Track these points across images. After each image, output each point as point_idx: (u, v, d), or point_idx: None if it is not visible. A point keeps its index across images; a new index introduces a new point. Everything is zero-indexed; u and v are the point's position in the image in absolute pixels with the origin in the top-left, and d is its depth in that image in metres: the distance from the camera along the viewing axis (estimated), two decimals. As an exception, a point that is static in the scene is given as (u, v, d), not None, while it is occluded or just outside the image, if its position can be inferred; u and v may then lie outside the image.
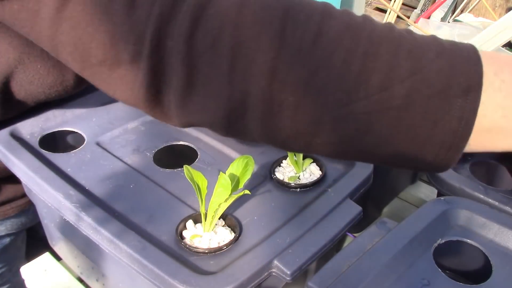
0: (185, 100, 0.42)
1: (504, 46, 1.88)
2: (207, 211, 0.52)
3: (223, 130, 0.43)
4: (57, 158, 0.64)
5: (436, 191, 0.62)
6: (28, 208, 0.78)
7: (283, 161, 0.63)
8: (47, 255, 0.73)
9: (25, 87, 0.64)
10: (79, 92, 0.74)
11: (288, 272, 0.48)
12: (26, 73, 0.62)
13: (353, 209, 0.55)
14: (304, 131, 0.40)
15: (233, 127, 0.42)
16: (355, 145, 0.41)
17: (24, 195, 0.75)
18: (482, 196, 0.57)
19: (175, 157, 0.68)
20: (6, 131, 0.66)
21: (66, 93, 0.68)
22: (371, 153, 0.41)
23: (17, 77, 0.63)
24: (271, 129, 0.41)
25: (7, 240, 0.81)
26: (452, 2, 2.70)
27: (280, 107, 0.39)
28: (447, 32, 1.90)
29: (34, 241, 0.89)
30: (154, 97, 0.43)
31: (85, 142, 0.67)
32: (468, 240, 0.53)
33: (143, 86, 0.42)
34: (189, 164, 0.62)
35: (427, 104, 0.38)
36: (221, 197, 0.51)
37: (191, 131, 0.69)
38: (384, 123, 0.39)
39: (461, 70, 0.38)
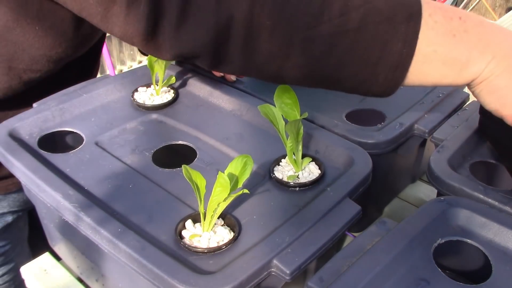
0: (179, 30, 0.46)
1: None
2: (206, 210, 0.52)
3: (209, 59, 0.48)
4: (56, 158, 0.64)
5: (436, 191, 0.62)
6: None
7: (282, 160, 0.63)
8: (47, 255, 0.73)
9: (27, 51, 0.66)
10: (76, 94, 0.74)
11: (288, 272, 0.48)
12: (25, 36, 0.64)
13: (352, 208, 0.55)
14: (277, 53, 0.47)
15: (217, 54, 0.48)
16: (320, 68, 0.47)
17: None
18: (482, 196, 0.57)
19: (174, 156, 0.68)
20: (4, 131, 0.66)
21: (66, 56, 0.70)
22: (333, 77, 0.48)
23: (18, 40, 0.64)
24: (249, 53, 0.47)
25: (9, 218, 0.82)
26: (452, 2, 2.70)
27: (258, 30, 0.46)
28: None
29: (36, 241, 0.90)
30: (151, 30, 0.47)
31: (84, 142, 0.67)
32: (468, 240, 0.52)
33: (143, 19, 0.46)
34: (188, 164, 0.62)
35: (377, 28, 0.45)
36: (220, 197, 0.51)
37: (190, 130, 0.69)
38: (344, 44, 0.46)
39: (404, 2, 0.46)
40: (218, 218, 0.54)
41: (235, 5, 0.45)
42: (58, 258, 0.73)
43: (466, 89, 0.80)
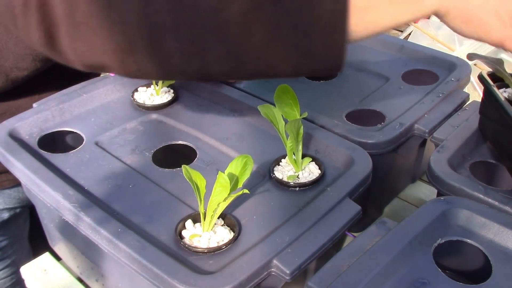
0: (73, 39, 0.42)
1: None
2: (206, 210, 0.52)
3: (120, 68, 0.43)
4: (56, 158, 0.64)
5: (436, 191, 0.61)
6: None
7: (282, 160, 0.63)
8: (47, 255, 0.73)
9: (11, 49, 0.65)
10: (76, 94, 0.74)
11: (288, 272, 0.48)
12: (8, 35, 0.63)
13: (352, 208, 0.55)
14: (192, 49, 0.40)
15: (128, 63, 0.42)
16: (244, 54, 0.40)
17: None
18: (482, 196, 0.56)
19: (174, 156, 0.68)
20: (4, 131, 0.66)
21: None
22: (263, 61, 0.41)
23: (1, 38, 0.64)
24: (162, 56, 0.41)
25: (6, 215, 0.81)
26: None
27: (161, 30, 0.40)
28: (447, 32, 1.90)
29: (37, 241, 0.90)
30: (47, 40, 0.43)
31: (84, 142, 0.67)
32: (468, 240, 0.52)
33: (36, 30, 0.43)
34: (188, 164, 0.62)
35: None
36: (220, 197, 0.51)
37: (190, 130, 0.69)
38: (262, 20, 0.38)
39: None
40: (218, 218, 0.54)
41: (125, 8, 0.40)
42: (58, 258, 0.73)
43: (466, 89, 0.80)
